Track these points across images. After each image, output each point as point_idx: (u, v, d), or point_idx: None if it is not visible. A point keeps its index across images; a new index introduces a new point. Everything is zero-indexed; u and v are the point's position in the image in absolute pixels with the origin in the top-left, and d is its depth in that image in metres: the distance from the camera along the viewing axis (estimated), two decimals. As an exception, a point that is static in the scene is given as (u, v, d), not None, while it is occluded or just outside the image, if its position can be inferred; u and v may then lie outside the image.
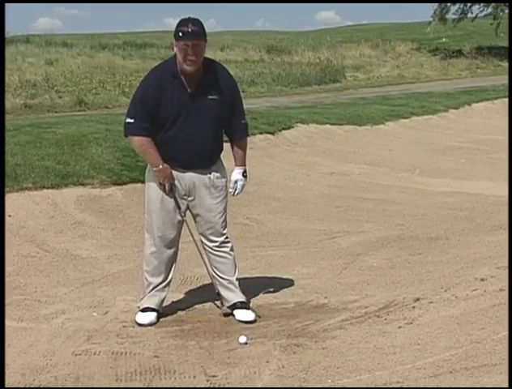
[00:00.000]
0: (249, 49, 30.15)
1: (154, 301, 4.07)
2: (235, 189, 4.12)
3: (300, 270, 5.04)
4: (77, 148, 7.85)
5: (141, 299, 4.12)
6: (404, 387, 3.02)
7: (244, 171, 4.11)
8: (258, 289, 4.50)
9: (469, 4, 32.07)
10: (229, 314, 4.09)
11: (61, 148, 7.77)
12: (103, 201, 6.66)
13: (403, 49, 32.68)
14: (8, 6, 8.18)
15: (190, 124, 3.85)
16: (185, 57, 3.75)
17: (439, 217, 6.70)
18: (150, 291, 4.08)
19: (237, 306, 4.08)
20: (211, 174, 3.98)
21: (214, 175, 3.99)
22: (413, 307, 3.97)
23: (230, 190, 4.11)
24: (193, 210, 4.04)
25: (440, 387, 2.97)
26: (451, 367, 3.12)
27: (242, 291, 4.15)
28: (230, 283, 4.10)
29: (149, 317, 4.02)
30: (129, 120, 3.88)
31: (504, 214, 6.08)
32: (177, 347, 3.66)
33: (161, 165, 3.89)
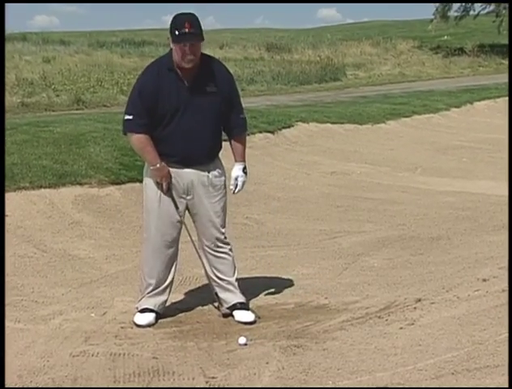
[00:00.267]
0: (248, 47, 30.08)
1: (153, 303, 4.04)
2: (235, 186, 4.05)
3: (300, 270, 5.02)
4: (74, 147, 7.82)
5: (139, 300, 4.09)
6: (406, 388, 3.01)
7: (244, 167, 4.06)
8: (258, 290, 4.48)
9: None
10: (229, 315, 4.07)
11: (58, 147, 7.74)
12: (101, 201, 6.64)
13: (405, 47, 32.62)
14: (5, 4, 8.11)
15: (189, 119, 3.82)
16: (183, 56, 3.73)
17: (441, 217, 6.68)
18: (148, 292, 4.05)
19: (237, 307, 4.05)
20: (210, 173, 3.95)
21: (212, 174, 3.96)
22: (414, 308, 3.95)
23: (231, 187, 4.06)
24: (191, 209, 4.00)
25: (442, 388, 2.96)
26: (453, 368, 3.12)
27: (242, 292, 4.12)
28: (229, 283, 4.07)
29: (147, 318, 3.99)
30: (127, 117, 3.85)
31: (506, 214, 6.06)
32: (176, 348, 3.64)
33: (159, 164, 3.86)
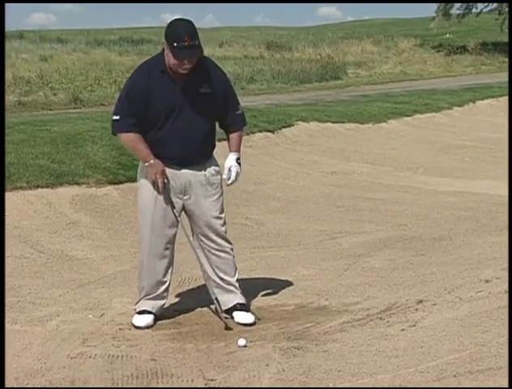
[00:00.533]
0: (248, 46, 30.09)
1: (151, 304, 4.01)
2: (229, 177, 3.96)
3: (300, 271, 5.00)
4: (72, 147, 7.81)
5: (137, 301, 4.06)
6: (407, 391, 3.00)
7: (238, 158, 3.97)
8: (258, 291, 4.46)
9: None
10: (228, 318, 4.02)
11: (55, 147, 7.72)
12: (99, 201, 6.62)
13: (406, 46, 32.59)
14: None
15: (183, 120, 3.79)
16: (180, 65, 3.71)
17: (443, 217, 6.66)
18: (146, 294, 4.02)
19: (237, 308, 4.02)
20: (206, 171, 3.92)
21: (209, 172, 3.93)
22: (416, 309, 3.95)
23: (224, 177, 3.97)
24: (189, 209, 3.96)
25: (443, 390, 2.96)
26: (455, 371, 3.11)
27: (242, 292, 4.09)
28: (229, 284, 4.04)
29: (146, 319, 3.97)
30: (115, 117, 3.84)
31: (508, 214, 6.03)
32: (175, 350, 3.62)
33: (152, 160, 3.82)
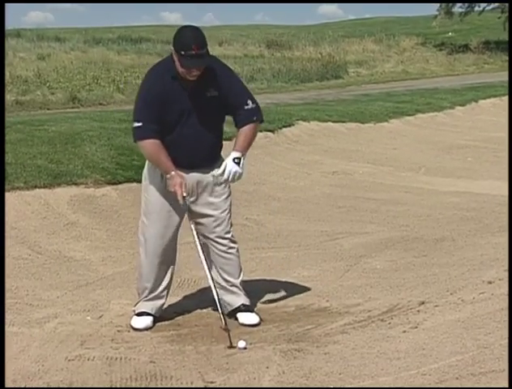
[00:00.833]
0: (248, 44, 30.15)
1: (150, 306, 3.99)
2: (221, 174, 3.83)
3: (301, 272, 4.97)
4: (70, 147, 7.78)
5: (136, 303, 4.05)
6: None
7: (237, 157, 3.84)
8: (258, 292, 4.43)
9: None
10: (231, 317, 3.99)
11: (53, 146, 7.70)
12: (97, 201, 6.59)
13: (408, 44, 32.63)
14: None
15: (192, 126, 3.79)
16: (188, 72, 3.71)
17: (445, 218, 6.64)
18: (145, 296, 4.00)
19: (241, 309, 4.01)
20: (214, 172, 3.90)
21: (217, 172, 3.90)
22: (418, 311, 3.93)
23: (214, 173, 3.87)
24: (196, 211, 3.93)
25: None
26: (457, 373, 3.10)
27: (246, 294, 4.08)
28: (233, 285, 4.03)
29: (145, 321, 3.95)
30: (136, 124, 3.76)
31: (508, 215, 6.01)
32: (174, 352, 3.61)
33: (174, 171, 3.78)
